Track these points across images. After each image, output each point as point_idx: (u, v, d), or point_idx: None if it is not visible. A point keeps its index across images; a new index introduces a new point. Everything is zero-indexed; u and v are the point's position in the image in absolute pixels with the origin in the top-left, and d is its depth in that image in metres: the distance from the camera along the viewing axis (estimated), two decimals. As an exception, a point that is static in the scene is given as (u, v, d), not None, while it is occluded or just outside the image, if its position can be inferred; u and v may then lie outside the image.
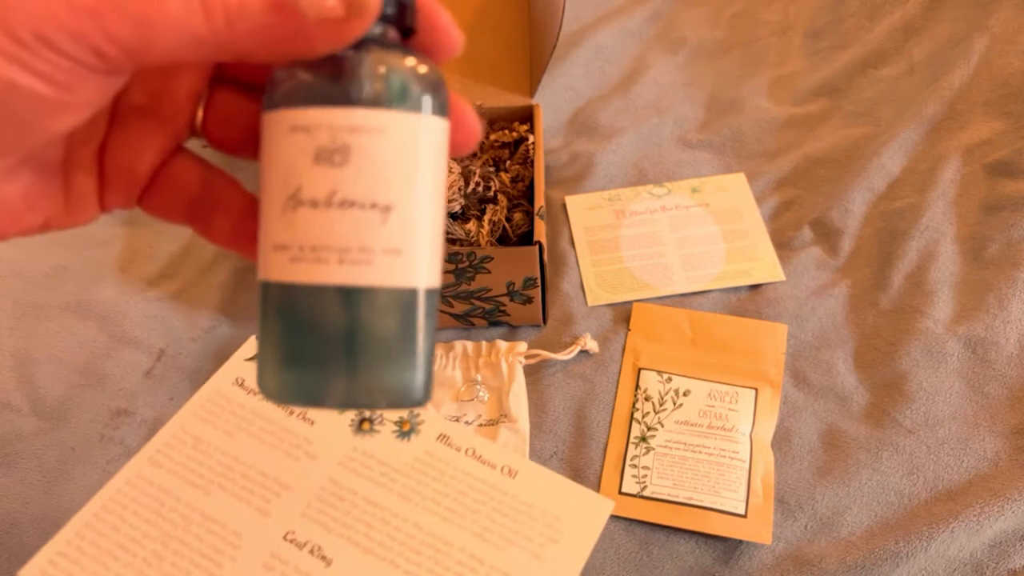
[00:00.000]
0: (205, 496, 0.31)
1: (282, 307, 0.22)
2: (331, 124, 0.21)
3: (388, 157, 0.21)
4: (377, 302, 0.21)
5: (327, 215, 0.21)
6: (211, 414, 0.33)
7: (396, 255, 0.21)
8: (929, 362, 0.60)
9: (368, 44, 0.21)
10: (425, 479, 0.30)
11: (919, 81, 0.77)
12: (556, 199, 0.74)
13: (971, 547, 0.51)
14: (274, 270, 0.22)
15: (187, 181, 0.25)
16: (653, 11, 0.91)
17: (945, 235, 0.66)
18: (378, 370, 0.22)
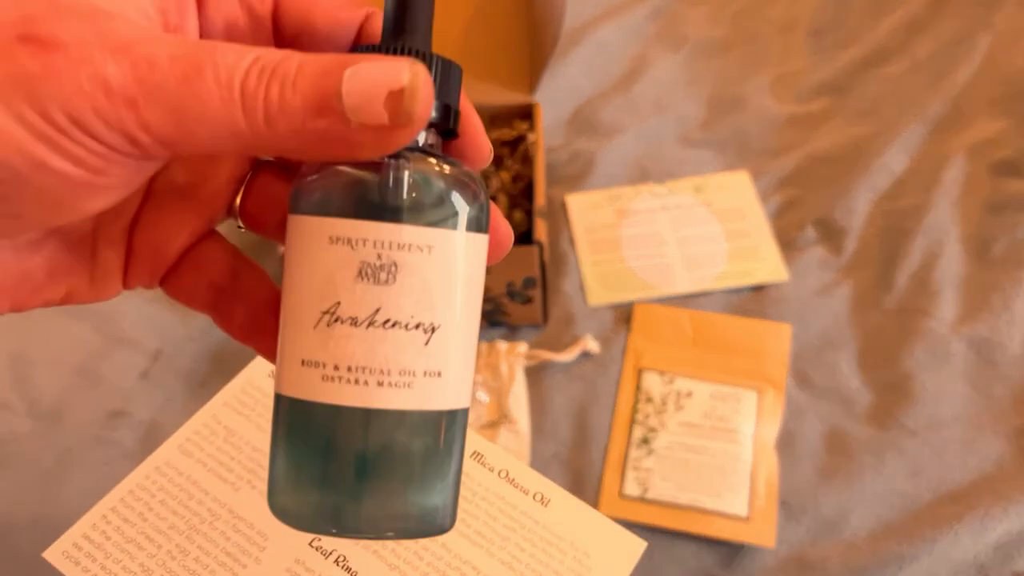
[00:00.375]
0: (234, 492, 0.31)
1: (307, 426, 0.20)
2: (378, 239, 0.19)
3: (435, 276, 0.20)
4: (414, 425, 0.20)
5: (369, 335, 0.19)
6: (244, 405, 0.32)
7: (437, 377, 0.20)
8: (933, 363, 0.59)
9: (414, 151, 0.20)
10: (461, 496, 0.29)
11: (923, 79, 0.77)
12: (556, 198, 0.74)
13: (975, 549, 0.51)
14: (301, 387, 0.20)
15: (213, 267, 0.24)
16: (654, 8, 0.91)
17: (949, 235, 0.66)
18: (409, 496, 0.21)
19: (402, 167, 0.20)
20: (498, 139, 0.72)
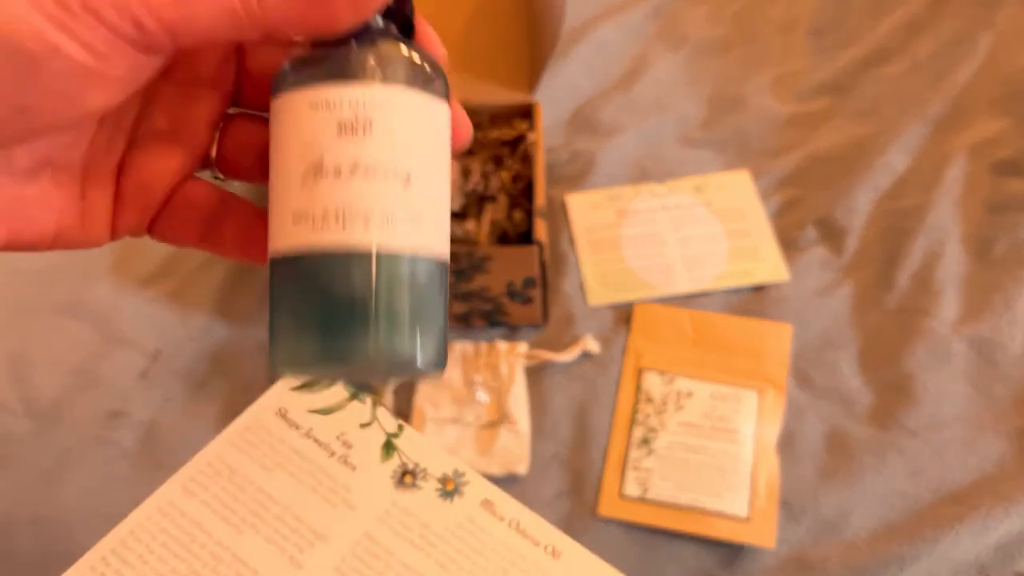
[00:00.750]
0: (237, 535, 0.30)
1: (302, 276, 0.22)
2: (353, 99, 0.22)
3: (407, 131, 0.23)
4: (401, 268, 0.22)
5: (351, 182, 0.22)
6: (250, 445, 0.32)
7: (417, 223, 0.22)
8: (934, 363, 0.59)
9: (377, 34, 0.23)
10: (465, 549, 0.29)
11: (923, 79, 0.76)
12: (556, 198, 0.74)
13: (976, 550, 0.51)
14: (293, 240, 0.22)
15: (201, 202, 0.25)
16: (655, 7, 0.91)
17: (950, 234, 0.66)
18: (400, 334, 0.22)
19: (370, 40, 0.23)
20: (498, 139, 0.72)
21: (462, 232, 0.63)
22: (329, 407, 0.33)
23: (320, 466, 0.31)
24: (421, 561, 0.29)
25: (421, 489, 0.31)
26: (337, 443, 0.32)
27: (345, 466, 0.31)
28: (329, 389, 0.33)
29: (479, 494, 0.31)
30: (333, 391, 0.33)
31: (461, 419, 0.59)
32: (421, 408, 0.60)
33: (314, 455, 0.32)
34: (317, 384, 0.33)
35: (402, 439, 0.32)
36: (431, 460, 0.31)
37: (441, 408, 0.60)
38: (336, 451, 0.32)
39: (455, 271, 0.60)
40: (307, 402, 0.33)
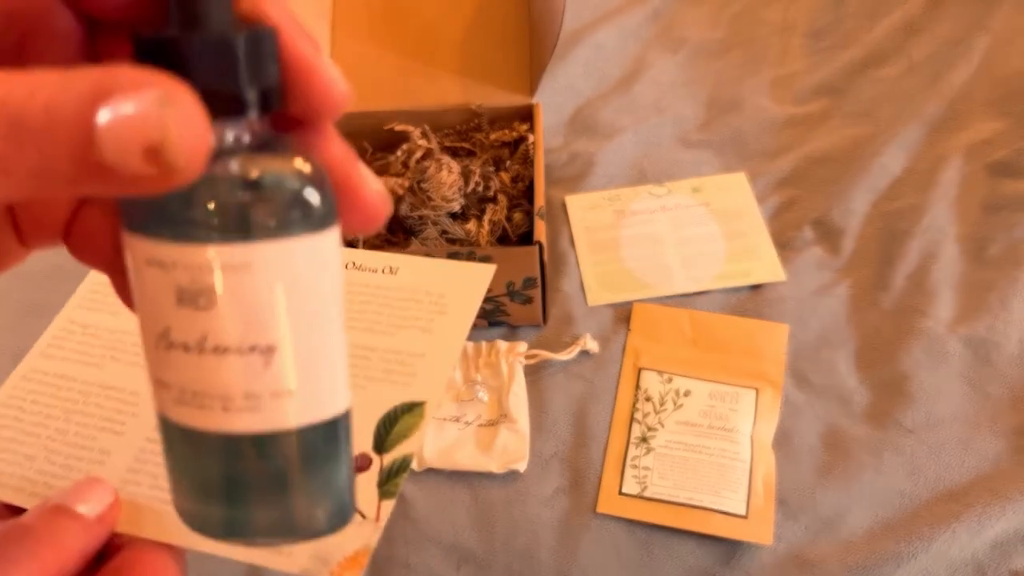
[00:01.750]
0: (99, 371, 0.33)
1: (175, 444, 0.20)
2: (188, 263, 0.18)
3: (259, 296, 0.18)
4: (273, 444, 0.19)
5: (202, 361, 0.18)
6: (95, 303, 0.34)
7: (288, 396, 0.19)
8: (930, 362, 0.60)
9: (222, 157, 0.18)
10: None
11: (920, 81, 0.77)
12: (556, 199, 0.74)
13: (972, 548, 0.51)
14: (162, 405, 0.20)
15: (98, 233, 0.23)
16: (653, 10, 0.91)
17: (946, 235, 0.66)
18: (292, 505, 0.20)
19: (208, 178, 0.17)
20: (498, 140, 0.72)
21: (462, 233, 0.64)
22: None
23: (131, 350, 0.34)
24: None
25: None
26: None
27: None
28: None
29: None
30: None
31: (461, 418, 0.60)
32: (422, 407, 0.61)
33: (122, 344, 0.34)
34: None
35: None
36: None
37: (441, 407, 0.60)
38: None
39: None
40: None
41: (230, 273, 0.18)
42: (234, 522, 0.20)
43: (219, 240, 0.18)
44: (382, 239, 0.67)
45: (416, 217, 0.64)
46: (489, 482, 0.56)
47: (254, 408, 0.19)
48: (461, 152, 0.73)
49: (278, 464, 0.19)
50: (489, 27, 0.75)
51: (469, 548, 0.54)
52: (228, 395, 0.19)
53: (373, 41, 0.76)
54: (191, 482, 0.20)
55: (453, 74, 0.74)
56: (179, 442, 0.20)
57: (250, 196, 0.18)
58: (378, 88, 0.74)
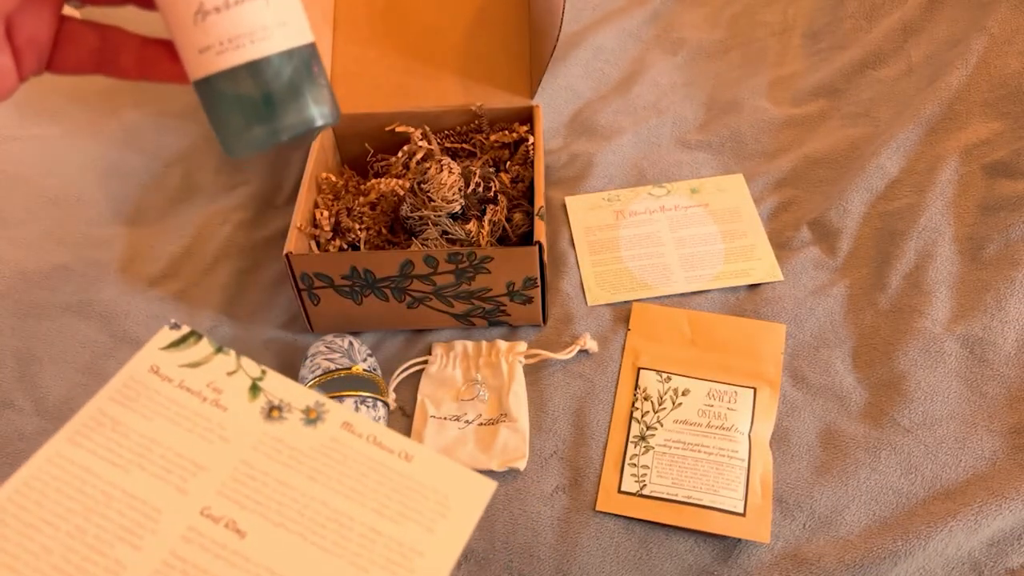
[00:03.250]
0: (125, 475, 0.33)
1: (222, 89, 0.31)
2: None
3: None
4: (286, 61, 0.31)
5: (231, 15, 0.29)
6: (128, 399, 0.36)
7: (284, 25, 0.31)
8: (927, 362, 0.60)
9: None
10: (330, 462, 0.34)
11: (917, 82, 0.77)
12: (556, 199, 0.75)
13: (969, 546, 0.52)
14: (205, 66, 0.30)
15: (85, 37, 0.32)
16: (652, 12, 0.92)
17: (943, 235, 0.67)
18: (306, 102, 0.32)
19: None
20: (498, 141, 0.73)
21: (463, 233, 0.64)
22: (197, 361, 0.36)
23: (194, 410, 0.35)
24: (293, 477, 0.34)
25: (287, 420, 0.35)
26: (208, 390, 0.36)
27: (217, 408, 0.35)
28: (196, 346, 0.37)
29: (339, 418, 0.36)
30: (199, 347, 0.37)
31: (462, 417, 0.60)
32: (423, 406, 0.61)
33: (188, 402, 0.35)
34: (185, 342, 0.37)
35: (266, 381, 0.36)
36: (294, 395, 0.36)
37: (442, 406, 0.61)
38: (207, 396, 0.36)
39: (457, 271, 0.61)
40: (176, 358, 0.37)
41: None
42: (272, 130, 0.31)
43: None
44: (384, 239, 0.68)
45: (417, 218, 0.65)
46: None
47: (268, 37, 0.30)
48: (461, 153, 0.74)
49: (293, 74, 0.31)
50: (489, 29, 0.75)
51: (469, 545, 0.54)
52: (253, 31, 0.30)
53: (374, 43, 0.76)
54: (235, 117, 0.31)
55: (454, 76, 0.74)
56: (224, 87, 0.30)
57: None
58: (379, 90, 0.74)
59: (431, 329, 0.66)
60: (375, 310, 0.63)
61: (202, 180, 0.79)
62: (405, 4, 0.77)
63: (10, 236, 0.74)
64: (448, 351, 0.63)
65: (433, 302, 0.63)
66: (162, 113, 0.84)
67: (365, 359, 0.61)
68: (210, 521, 0.32)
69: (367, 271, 0.60)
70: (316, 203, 0.68)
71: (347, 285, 0.61)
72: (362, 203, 0.69)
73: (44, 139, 0.82)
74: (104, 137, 0.82)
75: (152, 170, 0.79)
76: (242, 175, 0.79)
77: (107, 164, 0.80)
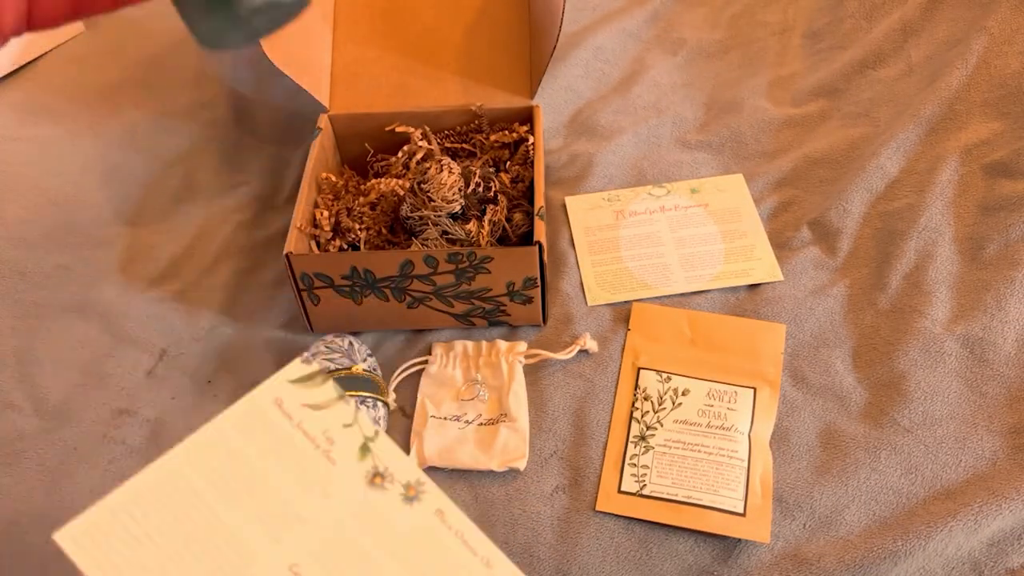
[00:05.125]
0: (230, 508, 0.34)
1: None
2: None
3: None
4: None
5: None
6: (248, 428, 0.36)
7: None
8: (927, 362, 0.60)
9: None
10: (419, 549, 0.35)
11: (917, 82, 0.77)
12: (556, 199, 0.75)
13: (969, 546, 0.52)
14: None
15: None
16: (652, 12, 0.92)
17: (943, 235, 0.67)
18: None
19: None
20: (498, 141, 0.73)
21: (463, 233, 0.64)
22: (319, 404, 0.36)
23: (306, 455, 0.35)
24: (382, 556, 0.34)
25: (388, 491, 0.35)
26: (322, 438, 0.36)
27: (327, 460, 0.35)
28: (321, 387, 0.36)
29: (435, 503, 0.36)
30: (324, 389, 0.37)
31: (462, 417, 0.60)
32: (423, 406, 0.61)
33: (302, 445, 0.35)
34: (313, 380, 0.36)
35: (377, 443, 0.36)
36: (399, 466, 0.36)
37: (443, 406, 0.61)
38: (320, 445, 0.36)
39: (457, 271, 0.61)
40: (301, 396, 0.36)
41: None
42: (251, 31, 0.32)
43: None
44: (384, 239, 0.68)
45: (417, 218, 0.65)
46: (489, 480, 0.57)
47: None
48: (461, 153, 0.74)
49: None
50: (489, 29, 0.75)
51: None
52: None
53: (374, 43, 0.76)
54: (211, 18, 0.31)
55: (453, 76, 0.74)
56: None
57: None
58: (379, 90, 0.74)
59: (431, 329, 0.66)
60: (375, 310, 0.64)
61: (202, 180, 0.79)
62: (405, 4, 0.77)
63: (10, 236, 0.74)
64: (448, 351, 0.63)
65: (433, 302, 0.63)
66: (162, 113, 0.84)
67: (365, 359, 0.61)
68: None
69: (367, 271, 0.60)
70: (316, 203, 0.68)
71: (347, 285, 0.61)
72: (362, 203, 0.69)
73: (44, 139, 0.82)
74: (104, 137, 0.82)
75: (152, 170, 0.79)
76: (242, 175, 0.79)
77: (107, 164, 0.80)
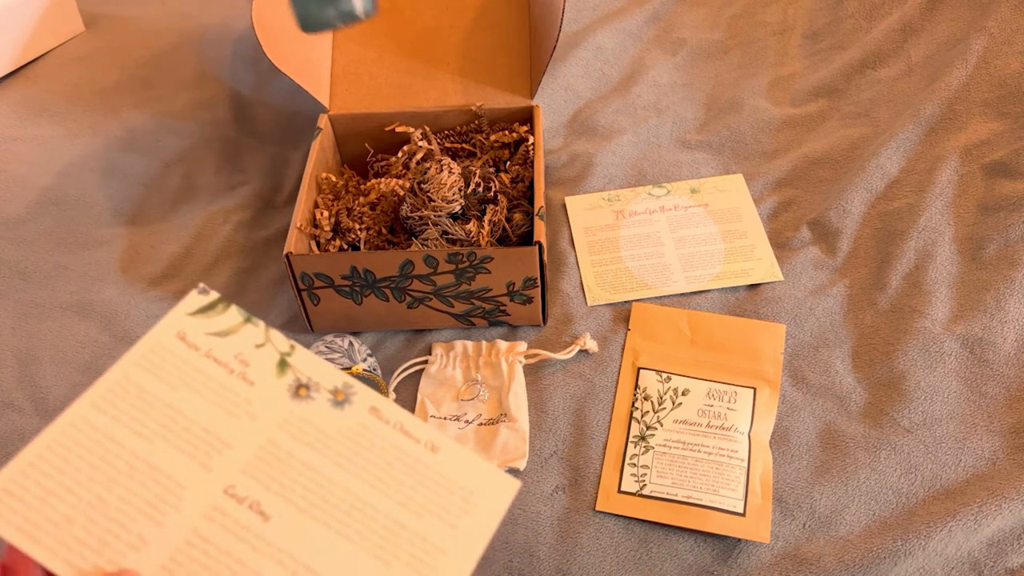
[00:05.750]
0: (149, 446, 0.33)
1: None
2: None
3: None
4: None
5: None
6: (154, 365, 0.35)
7: None
8: (927, 362, 0.60)
9: None
10: (357, 448, 0.34)
11: (917, 82, 0.77)
12: (556, 199, 0.75)
13: (969, 546, 0.52)
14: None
15: None
16: (652, 12, 0.92)
17: (943, 235, 0.67)
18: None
19: None
20: (498, 141, 0.73)
21: (463, 233, 0.64)
22: (225, 330, 0.36)
23: (221, 383, 0.34)
24: (319, 461, 0.33)
25: (315, 400, 0.35)
26: (235, 362, 0.35)
27: (244, 382, 0.35)
28: (224, 314, 0.36)
29: (367, 402, 0.35)
30: (228, 315, 0.36)
31: (462, 417, 0.60)
32: (423, 406, 0.61)
33: (215, 373, 0.35)
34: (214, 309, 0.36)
35: (294, 357, 0.35)
36: (322, 374, 0.35)
37: (442, 406, 0.61)
38: (235, 369, 0.35)
39: (457, 271, 0.61)
40: (204, 326, 0.36)
41: None
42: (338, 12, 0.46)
43: None
44: (384, 239, 0.68)
45: (417, 218, 0.65)
46: (489, 480, 0.57)
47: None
48: (461, 153, 0.74)
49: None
50: (489, 29, 0.75)
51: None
52: None
53: (374, 43, 0.76)
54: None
55: (453, 76, 0.74)
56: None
57: None
58: (379, 90, 0.74)
59: (431, 329, 0.66)
60: (375, 310, 0.64)
61: (202, 180, 0.79)
62: (405, 4, 0.77)
63: (10, 236, 0.74)
64: (448, 351, 0.63)
65: (433, 302, 0.63)
66: (162, 113, 0.84)
67: (365, 359, 0.61)
68: (234, 501, 0.31)
69: (367, 271, 0.60)
70: (316, 203, 0.68)
71: (347, 285, 0.62)
72: (362, 203, 0.69)
73: (44, 139, 0.82)
74: (104, 137, 0.82)
75: (152, 170, 0.79)
76: (242, 175, 0.79)
77: (107, 164, 0.80)
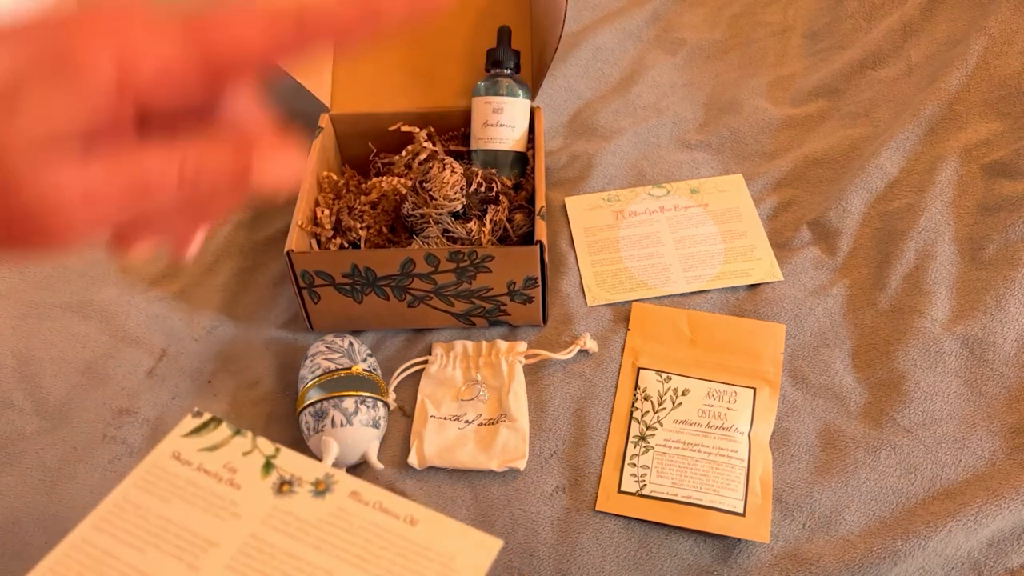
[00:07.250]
0: (142, 556, 0.35)
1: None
2: None
3: None
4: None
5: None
6: (150, 484, 0.38)
7: None
8: (927, 362, 0.60)
9: None
10: (336, 531, 0.36)
11: (917, 82, 0.77)
12: (556, 200, 0.75)
13: (968, 546, 0.52)
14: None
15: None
16: (652, 12, 0.92)
17: (943, 235, 0.67)
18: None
19: None
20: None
21: (464, 232, 0.64)
22: (215, 444, 0.38)
23: (211, 490, 0.37)
24: (299, 547, 0.35)
25: (297, 493, 0.37)
26: (224, 470, 0.38)
27: (231, 486, 0.37)
28: (215, 431, 0.39)
29: (347, 488, 0.37)
30: (218, 432, 0.39)
31: (462, 417, 0.60)
32: (423, 405, 0.61)
33: (204, 483, 0.37)
34: (206, 428, 0.39)
35: (280, 458, 0.38)
36: (305, 470, 0.37)
37: (443, 406, 0.61)
38: (223, 477, 0.37)
39: (457, 270, 0.61)
40: (197, 443, 0.38)
41: None
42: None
43: None
44: (385, 238, 0.68)
45: (418, 216, 0.65)
46: (489, 480, 0.57)
47: None
48: (464, 156, 0.74)
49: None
50: (490, 30, 0.75)
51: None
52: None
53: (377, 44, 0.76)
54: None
55: (455, 76, 0.75)
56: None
57: None
58: (383, 90, 0.74)
59: (431, 329, 0.66)
60: (375, 309, 0.64)
61: (202, 180, 0.79)
62: (405, 4, 0.77)
63: (10, 236, 0.74)
64: (448, 351, 0.63)
65: (433, 301, 0.63)
66: (162, 113, 0.84)
67: (365, 359, 0.61)
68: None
69: (368, 269, 0.60)
70: (317, 201, 0.68)
71: (348, 283, 0.61)
72: (363, 202, 0.69)
73: (44, 139, 0.82)
74: (104, 137, 0.82)
75: (152, 170, 0.79)
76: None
77: (107, 164, 0.80)
